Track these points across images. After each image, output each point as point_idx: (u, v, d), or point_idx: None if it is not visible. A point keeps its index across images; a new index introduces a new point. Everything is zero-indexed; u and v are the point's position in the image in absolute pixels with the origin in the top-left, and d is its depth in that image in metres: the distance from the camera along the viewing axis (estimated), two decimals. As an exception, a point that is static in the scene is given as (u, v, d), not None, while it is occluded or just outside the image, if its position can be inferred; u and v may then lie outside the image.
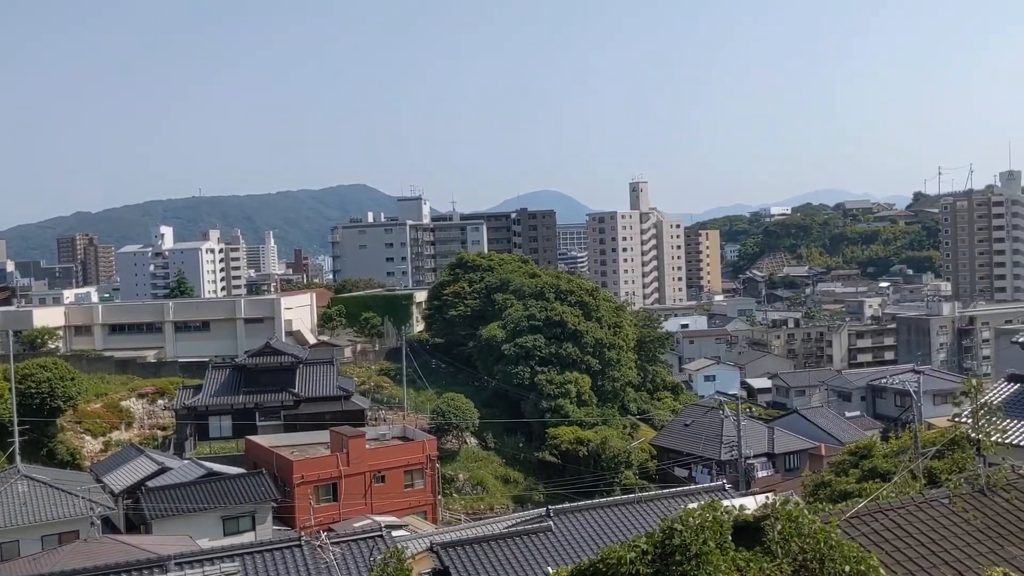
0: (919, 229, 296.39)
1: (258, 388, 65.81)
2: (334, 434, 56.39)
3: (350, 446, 53.91)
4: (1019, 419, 32.46)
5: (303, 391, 66.10)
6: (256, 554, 24.49)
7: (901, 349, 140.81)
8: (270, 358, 67.50)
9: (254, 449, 58.47)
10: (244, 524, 45.72)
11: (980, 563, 16.06)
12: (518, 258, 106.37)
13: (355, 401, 66.75)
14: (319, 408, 64.77)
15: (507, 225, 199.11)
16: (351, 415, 64.34)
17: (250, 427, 63.39)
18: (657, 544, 11.97)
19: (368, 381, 78.83)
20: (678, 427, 73.23)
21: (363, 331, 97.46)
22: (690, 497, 29.75)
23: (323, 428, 59.48)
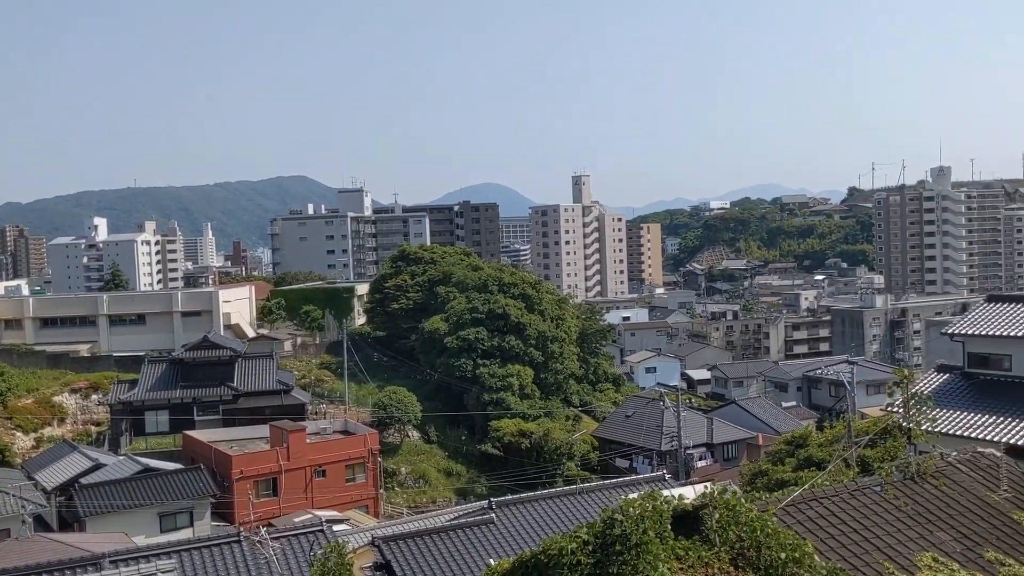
0: (853, 223, 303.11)
1: (196, 382, 64.77)
2: (274, 428, 55.74)
3: (290, 440, 53.34)
4: (948, 408, 33.44)
5: (242, 385, 65.20)
6: (194, 551, 24.11)
7: (836, 340, 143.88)
8: (208, 352, 66.44)
9: (192, 444, 57.53)
10: (182, 520, 45.03)
11: (910, 548, 16.51)
12: (461, 251, 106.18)
13: (295, 395, 66.05)
14: (258, 402, 63.97)
15: (450, 218, 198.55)
16: (291, 409, 63.65)
17: (187, 422, 62.39)
18: (598, 534, 12.06)
19: (309, 375, 78.05)
20: (619, 418, 73.90)
21: (303, 324, 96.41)
22: (631, 487, 30.06)
23: (263, 423, 58.78)
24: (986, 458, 20.53)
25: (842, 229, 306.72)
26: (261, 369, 67.18)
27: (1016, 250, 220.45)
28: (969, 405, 33.90)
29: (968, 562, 16.30)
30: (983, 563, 16.36)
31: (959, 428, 32.08)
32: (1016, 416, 31.74)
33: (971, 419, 32.63)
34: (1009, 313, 36.04)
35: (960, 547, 16.76)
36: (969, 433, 31.22)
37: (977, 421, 32.30)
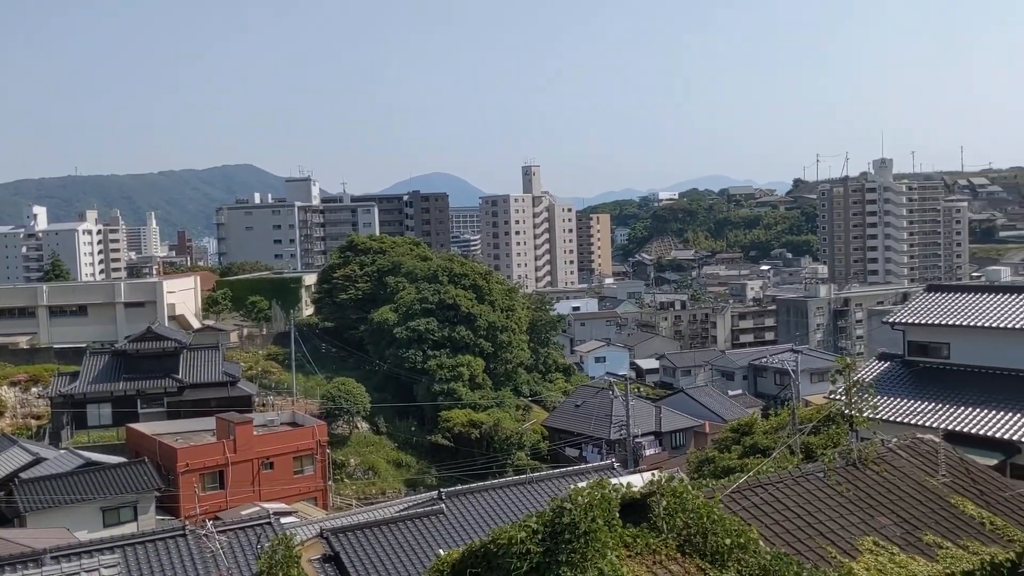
0: (798, 214, 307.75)
1: (139, 374, 63.65)
2: (220, 421, 55.03)
3: (237, 433, 52.72)
4: (889, 395, 34.20)
5: (187, 377, 64.22)
6: (138, 545, 23.69)
7: (781, 330, 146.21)
8: (152, 343, 65.28)
9: (136, 437, 56.57)
10: (125, 515, 44.22)
11: (852, 533, 16.85)
12: (410, 241, 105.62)
13: (242, 387, 65.24)
14: (204, 394, 63.09)
15: (399, 208, 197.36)
16: (238, 401, 62.88)
17: (131, 415, 61.29)
18: (547, 523, 12.10)
19: (255, 366, 77.13)
20: (569, 408, 74.29)
21: (250, 315, 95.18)
22: (580, 476, 30.26)
23: (209, 415, 58.00)
24: (925, 444, 21.02)
25: (787, 220, 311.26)
26: (207, 361, 66.21)
27: (955, 241, 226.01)
28: (909, 392, 34.71)
29: (908, 546, 16.69)
30: (922, 546, 16.76)
31: (899, 415, 32.83)
32: (954, 403, 32.57)
33: (911, 406, 33.41)
34: (948, 302, 36.93)
35: (900, 531, 17.15)
36: (909, 420, 31.97)
37: (917, 408, 33.08)
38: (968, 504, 18.59)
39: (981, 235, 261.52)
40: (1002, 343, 33.45)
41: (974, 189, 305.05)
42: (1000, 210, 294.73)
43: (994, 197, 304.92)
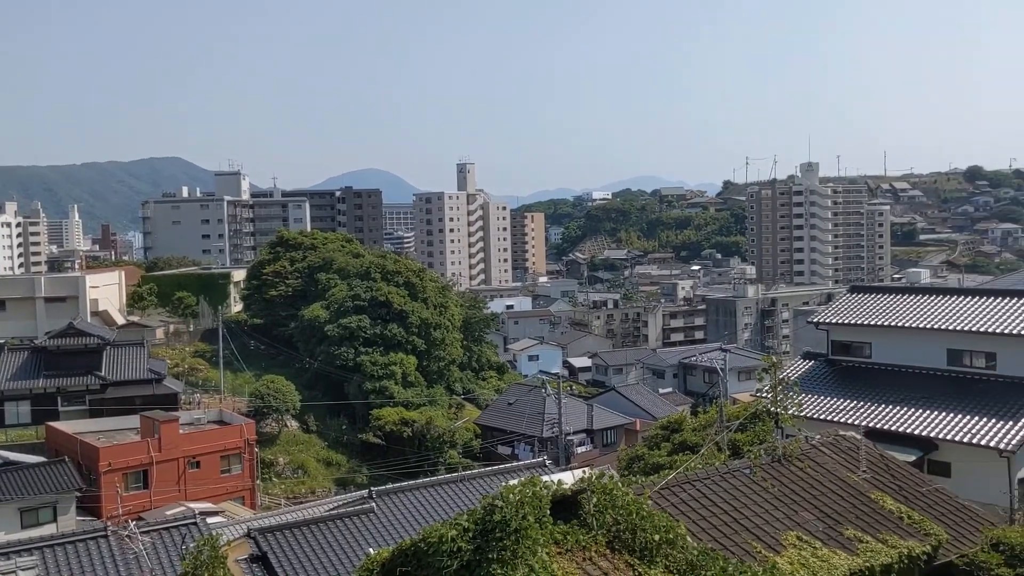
0: (728, 216, 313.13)
1: (60, 371, 61.80)
2: (145, 419, 53.76)
3: (162, 431, 51.61)
4: (813, 393, 35.04)
5: (110, 374, 62.57)
6: (57, 546, 23.05)
7: (710, 329, 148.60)
8: (74, 339, 63.44)
9: (56, 436, 54.94)
10: (44, 516, 42.95)
11: (777, 528, 17.21)
12: (342, 237, 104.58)
13: (167, 384, 63.86)
14: (128, 392, 61.57)
15: (331, 203, 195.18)
16: (163, 399, 61.50)
17: (51, 413, 59.49)
18: (478, 521, 12.10)
19: (182, 364, 75.56)
20: (502, 406, 74.42)
21: (177, 311, 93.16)
22: (512, 474, 30.33)
23: (133, 413, 56.63)
24: (847, 441, 21.59)
25: (717, 221, 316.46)
26: (131, 357, 64.61)
27: (877, 243, 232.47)
28: (832, 390, 35.62)
29: (829, 540, 17.11)
30: (843, 540, 17.21)
31: (823, 412, 33.66)
32: (875, 401, 33.52)
33: (834, 404, 34.29)
34: (870, 303, 37.99)
35: (822, 526, 17.58)
36: (832, 417, 32.80)
37: (839, 406, 33.96)
38: (887, 499, 19.15)
39: (902, 238, 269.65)
40: (920, 343, 34.54)
41: (896, 193, 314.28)
42: (920, 214, 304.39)
43: (915, 201, 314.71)
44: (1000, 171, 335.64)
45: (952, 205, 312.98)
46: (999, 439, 28.83)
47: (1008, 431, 28.98)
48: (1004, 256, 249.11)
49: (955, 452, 29.96)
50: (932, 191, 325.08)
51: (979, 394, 31.43)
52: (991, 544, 18.76)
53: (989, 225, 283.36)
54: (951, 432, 30.15)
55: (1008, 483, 28.52)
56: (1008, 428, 29.10)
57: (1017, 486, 28.98)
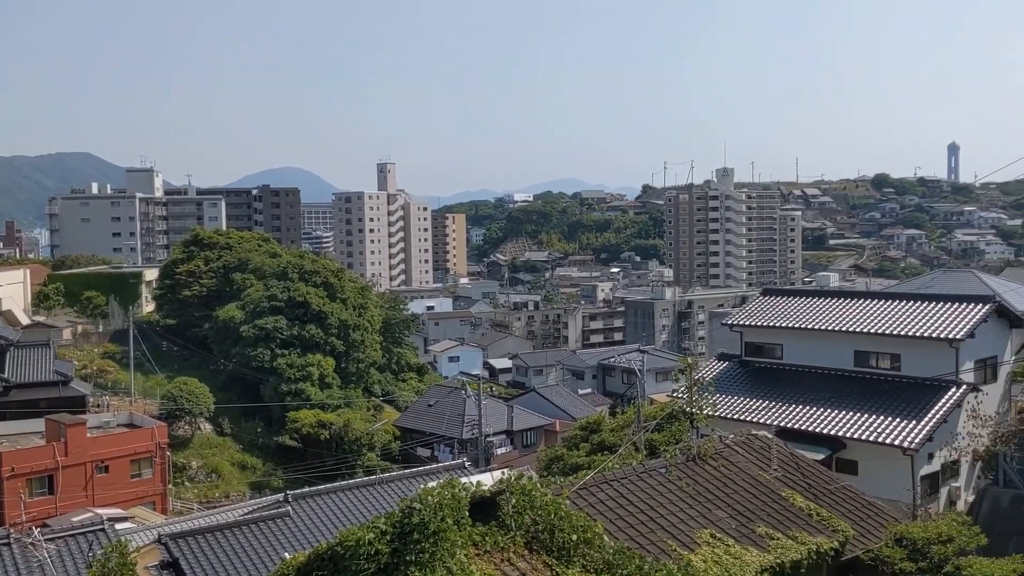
0: (646, 219, 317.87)
1: (-41, 374, 59.12)
2: (50, 422, 51.93)
3: (68, 435, 49.91)
4: (727, 394, 35.77)
5: (14, 376, 60.13)
6: (-47, 557, 22.04)
7: (629, 330, 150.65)
8: (-26, 340, 60.79)
9: (-47, 442, 52.57)
10: (-60, 525, 41.03)
11: (691, 526, 17.52)
12: (259, 236, 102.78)
13: (75, 387, 61.72)
14: (33, 394, 59.26)
15: (248, 202, 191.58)
16: (70, 402, 59.42)
17: (-52, 417, 56.87)
18: (396, 524, 12.02)
19: (90, 365, 73.19)
20: (422, 407, 74.09)
21: (85, 311, 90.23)
22: (431, 476, 30.22)
23: (38, 416, 54.59)
24: (759, 440, 22.12)
25: (636, 224, 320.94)
26: (36, 359, 62.25)
27: (789, 247, 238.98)
28: (745, 391, 36.42)
29: (742, 537, 17.50)
30: (755, 538, 17.62)
31: (736, 412, 34.39)
32: (786, 401, 34.40)
33: (747, 404, 35.06)
34: (781, 306, 38.98)
35: (735, 523, 17.97)
36: (745, 417, 33.53)
37: (752, 406, 34.74)
38: (797, 497, 19.68)
39: (813, 242, 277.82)
40: (829, 344, 35.59)
41: (807, 199, 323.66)
42: (830, 219, 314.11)
43: (825, 207, 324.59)
44: (905, 179, 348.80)
45: (860, 211, 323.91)
46: (903, 437, 29.88)
47: (911, 430, 30.06)
48: (909, 261, 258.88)
49: (862, 450, 30.94)
50: (841, 197, 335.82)
51: (884, 394, 32.52)
52: (895, 539, 19.45)
53: (895, 231, 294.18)
54: (858, 431, 31.12)
55: (911, 480, 29.58)
56: (911, 427, 30.18)
57: (920, 483, 30.09)
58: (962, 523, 21.28)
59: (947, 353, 32.04)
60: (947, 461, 31.50)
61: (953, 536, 19.87)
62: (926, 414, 30.54)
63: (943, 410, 30.59)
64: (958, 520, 21.52)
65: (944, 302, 34.18)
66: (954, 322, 32.52)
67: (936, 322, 32.89)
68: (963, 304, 33.55)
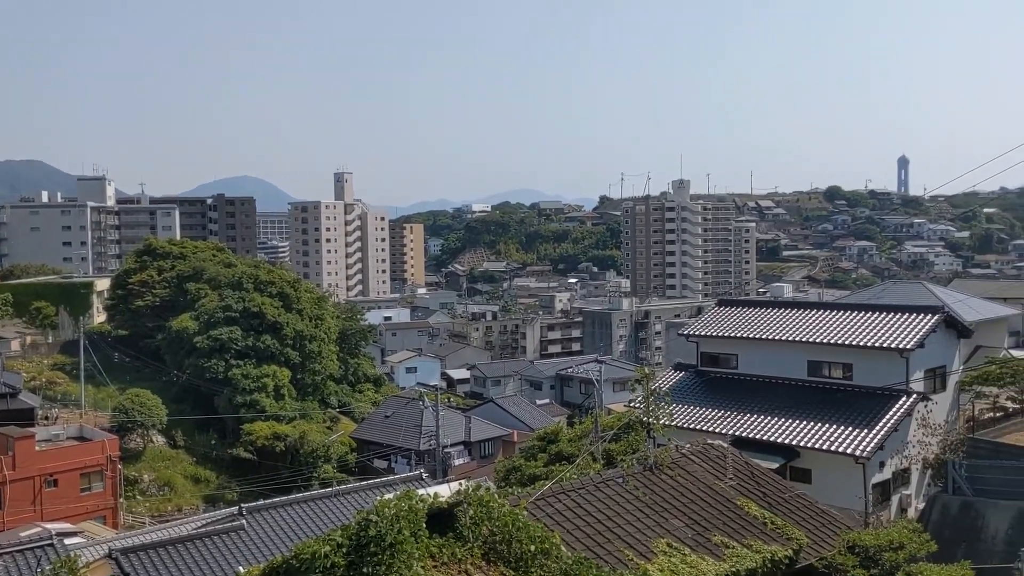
0: (604, 230, 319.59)
1: (-99, 386, 57.58)
2: (-3, 436, 50.74)
3: (16, 448, 48.87)
4: (683, 403, 36.04)
5: (-41, 389, 58.71)
6: None
7: (587, 340, 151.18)
8: (-83, 352, 59.26)
9: None
10: None
11: (648, 536, 17.60)
12: (214, 246, 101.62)
13: (23, 399, 60.40)
14: (-21, 407, 57.89)
15: (203, 211, 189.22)
16: (18, 414, 58.09)
17: None
18: (352, 536, 11.94)
19: (39, 377, 71.73)
20: (379, 419, 73.61)
21: (34, 322, 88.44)
22: (388, 488, 30.03)
23: (-17, 430, 53.27)
24: (715, 449, 22.31)
25: (594, 235, 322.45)
26: (-18, 371, 60.84)
27: (744, 258, 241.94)
28: (701, 400, 36.74)
29: (698, 546, 17.62)
30: (711, 547, 17.75)
31: (692, 422, 34.68)
32: (741, 410, 34.77)
33: (703, 413, 35.38)
34: (736, 316, 39.42)
35: (692, 532, 18.09)
36: (701, 426, 33.84)
37: (708, 415, 35.06)
38: (752, 505, 19.87)
39: (767, 253, 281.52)
40: (783, 354, 36.06)
41: (761, 211, 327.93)
42: (784, 231, 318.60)
43: (779, 219, 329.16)
44: (857, 191, 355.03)
45: (813, 223, 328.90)
46: (855, 446, 30.34)
47: (863, 438, 30.54)
48: (860, 272, 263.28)
49: (815, 459, 31.36)
50: (795, 209, 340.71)
51: (837, 403, 33.02)
52: (847, 547, 19.72)
53: (847, 242, 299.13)
54: (811, 440, 31.55)
55: (863, 488, 30.04)
56: (863, 435, 30.66)
57: (872, 491, 30.57)
58: (913, 530, 21.64)
59: (898, 363, 32.64)
60: (898, 469, 32.05)
61: (904, 543, 20.20)
62: (877, 423, 31.05)
63: (894, 419, 31.13)
64: (909, 527, 21.88)
65: (894, 313, 34.83)
66: (904, 332, 33.14)
67: (887, 332, 33.50)
68: (913, 315, 34.21)
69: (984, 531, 27.21)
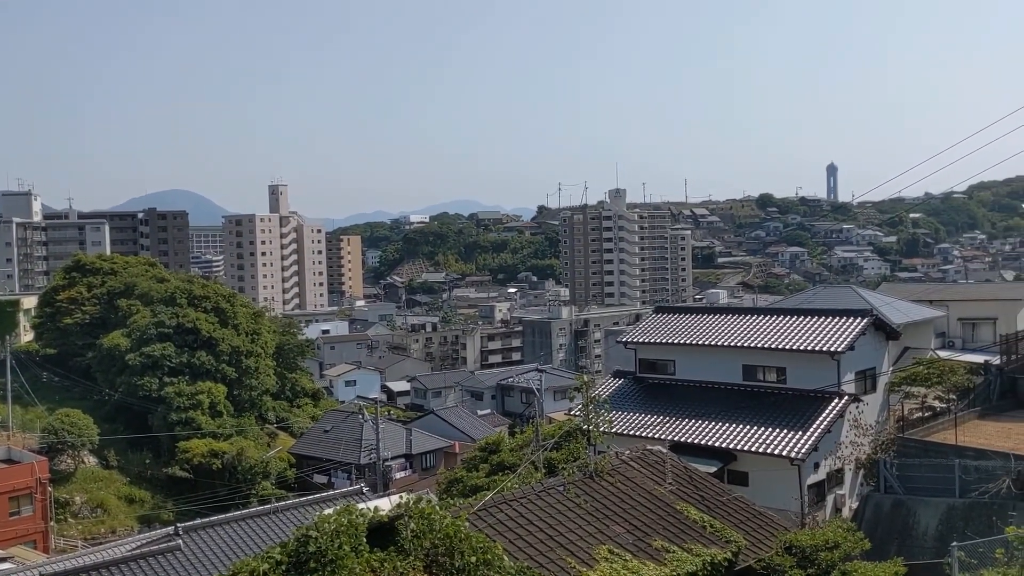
0: (542, 239, 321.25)
1: None
2: (-82, 461, 48.95)
3: (-61, 474, 47.10)
4: (623, 410, 36.34)
5: None
6: None
7: (527, 350, 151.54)
8: None
9: None
10: None
11: (589, 543, 17.70)
12: (145, 261, 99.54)
13: (-54, 422, 58.38)
14: (-102, 432, 55.80)
15: (133, 226, 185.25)
16: (-59, 438, 56.18)
17: None
18: (292, 553, 11.81)
19: (-38, 399, 69.32)
20: (318, 433, 72.80)
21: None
22: (327, 503, 29.71)
23: (-97, 455, 51.39)
24: (654, 455, 22.55)
25: (532, 244, 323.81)
26: (-99, 394, 58.65)
27: (680, 266, 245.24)
28: (640, 407, 37.09)
29: (639, 551, 17.78)
30: (651, 551, 17.92)
31: (632, 428, 34.97)
32: (679, 415, 35.18)
33: (642, 419, 35.70)
34: (673, 323, 39.93)
35: (632, 538, 18.25)
36: (640, 432, 34.13)
37: (647, 421, 35.39)
38: (691, 509, 20.12)
39: (702, 261, 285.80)
40: (719, 360, 36.61)
41: (696, 219, 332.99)
42: (718, 238, 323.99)
43: (713, 226, 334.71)
44: (788, 198, 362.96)
45: (746, 230, 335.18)
46: (790, 448, 30.92)
47: (798, 440, 31.14)
48: (792, 277, 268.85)
49: (752, 462, 31.88)
50: (728, 217, 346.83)
51: (772, 407, 33.61)
52: (784, 547, 20.09)
53: (779, 249, 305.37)
54: (747, 443, 32.06)
55: (799, 489, 30.62)
56: (798, 438, 31.27)
57: (807, 491, 31.17)
58: (847, 529, 22.13)
59: (829, 365, 33.37)
60: (832, 470, 32.74)
61: (839, 542, 20.64)
62: (811, 425, 31.69)
63: (827, 420, 31.81)
64: (843, 527, 22.37)
65: (825, 317, 35.62)
66: (835, 336, 33.91)
67: (818, 336, 34.24)
68: (843, 318, 35.03)
69: (915, 528, 27.94)
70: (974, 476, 27.51)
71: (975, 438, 31.12)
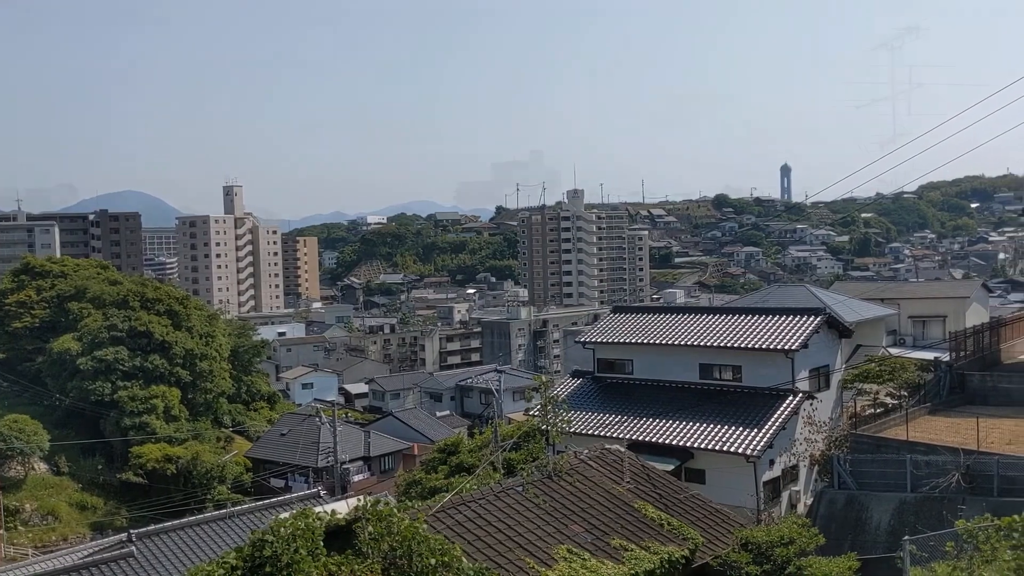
0: (501, 240, 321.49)
1: None
2: None
3: None
4: (581, 410, 36.49)
5: None
6: None
7: (486, 350, 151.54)
8: None
9: None
10: None
11: (548, 543, 17.74)
12: (97, 264, 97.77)
13: None
14: None
15: (84, 228, 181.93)
16: None
17: None
18: (247, 557, 11.67)
19: (-93, 406, 67.62)
20: (274, 437, 72.12)
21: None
22: (284, 507, 29.42)
23: None
24: (612, 454, 22.66)
25: (491, 245, 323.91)
26: None
27: (638, 266, 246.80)
28: (598, 406, 37.29)
29: (598, 550, 17.85)
30: (610, 550, 18.01)
31: (590, 428, 35.13)
32: (637, 414, 35.43)
33: (600, 419, 35.89)
34: (631, 323, 40.19)
35: (591, 537, 18.32)
36: (598, 432, 34.30)
37: (605, 420, 35.58)
38: (649, 507, 20.25)
39: (660, 261, 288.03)
40: (676, 359, 36.93)
41: (653, 219, 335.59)
42: (675, 238, 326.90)
43: (670, 227, 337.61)
44: (743, 199, 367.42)
45: (702, 230, 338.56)
46: (745, 446, 31.28)
47: (753, 438, 31.51)
48: (748, 276, 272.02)
49: (708, 460, 32.20)
50: (685, 217, 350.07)
51: (727, 404, 34.00)
52: (741, 544, 20.30)
53: (735, 248, 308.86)
54: (704, 441, 32.38)
55: (755, 486, 30.98)
56: (753, 435, 31.64)
57: (763, 488, 31.55)
58: (802, 525, 22.41)
59: (783, 363, 33.82)
60: (787, 466, 33.17)
61: (794, 538, 20.90)
62: (766, 422, 32.09)
63: (782, 418, 32.23)
64: (798, 522, 22.65)
65: (779, 316, 36.10)
66: (789, 334, 34.38)
67: (773, 335, 34.68)
68: (797, 317, 35.53)
69: (868, 523, 28.41)
70: (925, 471, 28.05)
71: (925, 434, 31.73)
